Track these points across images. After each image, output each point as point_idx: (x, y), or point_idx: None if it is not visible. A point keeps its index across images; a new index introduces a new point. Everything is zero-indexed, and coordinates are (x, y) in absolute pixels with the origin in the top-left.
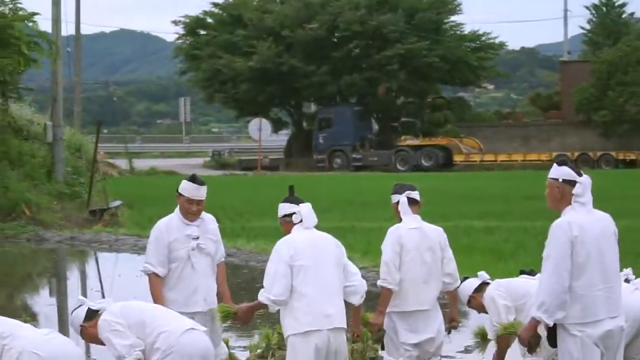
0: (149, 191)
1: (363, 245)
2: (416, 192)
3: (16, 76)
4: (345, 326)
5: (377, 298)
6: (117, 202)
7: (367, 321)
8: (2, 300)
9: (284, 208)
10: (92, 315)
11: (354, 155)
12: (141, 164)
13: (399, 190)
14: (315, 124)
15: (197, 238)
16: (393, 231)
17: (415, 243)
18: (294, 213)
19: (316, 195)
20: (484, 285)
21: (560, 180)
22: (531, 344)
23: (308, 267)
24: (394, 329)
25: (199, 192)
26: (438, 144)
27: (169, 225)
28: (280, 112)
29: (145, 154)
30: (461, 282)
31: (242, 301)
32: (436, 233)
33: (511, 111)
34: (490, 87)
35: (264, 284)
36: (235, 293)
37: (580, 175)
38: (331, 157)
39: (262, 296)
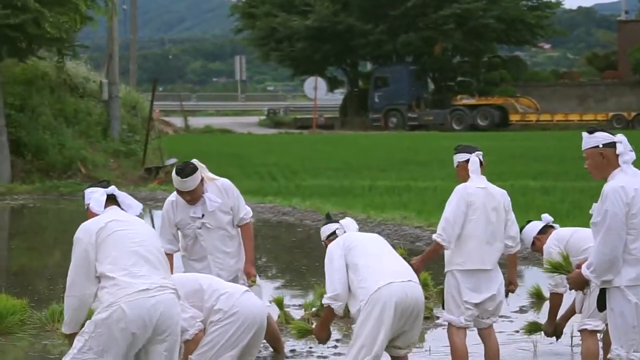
0: (204, 149)
1: (418, 205)
2: (481, 153)
3: (72, 34)
4: (417, 281)
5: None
6: (173, 160)
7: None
8: (58, 258)
9: (326, 230)
10: None
11: (409, 115)
12: (196, 122)
13: (468, 149)
14: (371, 83)
15: (202, 217)
16: (461, 189)
17: (482, 202)
18: (337, 229)
19: (371, 154)
20: (548, 227)
21: (601, 145)
22: (579, 288)
23: (363, 242)
24: (456, 288)
25: (185, 185)
26: (494, 103)
27: (175, 205)
28: (336, 71)
29: (200, 112)
30: (524, 225)
31: (296, 259)
32: (501, 194)
33: (568, 71)
34: (547, 46)
35: (326, 287)
36: (290, 251)
37: (613, 135)
38: (387, 116)
39: (324, 299)
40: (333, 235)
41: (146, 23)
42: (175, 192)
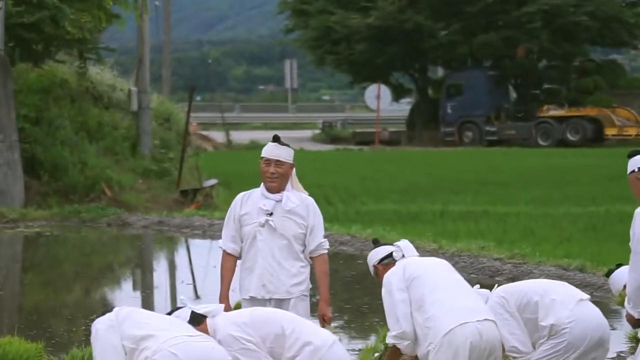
0: (248, 168)
1: (497, 234)
2: None
3: (96, 34)
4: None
5: None
6: (212, 181)
7: None
8: (79, 294)
9: (379, 252)
10: (198, 320)
11: (487, 128)
12: (240, 136)
13: None
14: (442, 92)
15: (271, 214)
16: None
17: None
18: (393, 251)
19: (443, 174)
20: None
21: (637, 169)
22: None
23: (427, 271)
24: None
25: (276, 151)
26: (586, 114)
27: (247, 196)
28: (402, 78)
29: (244, 125)
30: (613, 270)
31: (356, 296)
32: None
33: None
34: None
35: (388, 324)
36: (349, 286)
37: None
38: (461, 130)
39: (388, 339)
40: (388, 259)
41: (181, 22)
42: (254, 188)
